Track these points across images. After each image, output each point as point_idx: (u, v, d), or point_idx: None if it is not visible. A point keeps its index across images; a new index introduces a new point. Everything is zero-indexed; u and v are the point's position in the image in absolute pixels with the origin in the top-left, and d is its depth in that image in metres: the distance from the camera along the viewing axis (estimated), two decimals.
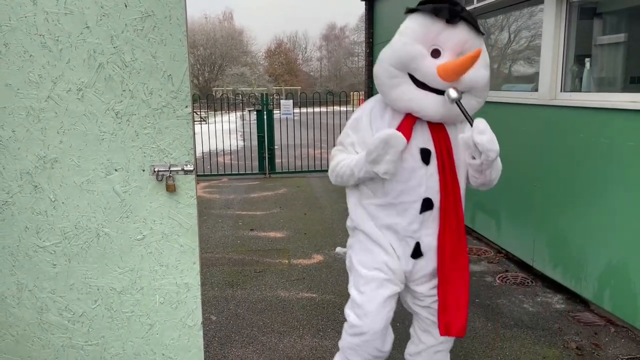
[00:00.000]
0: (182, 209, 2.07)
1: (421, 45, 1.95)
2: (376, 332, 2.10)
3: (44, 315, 2.11)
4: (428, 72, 1.94)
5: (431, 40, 1.96)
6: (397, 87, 2.01)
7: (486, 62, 2.03)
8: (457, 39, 1.95)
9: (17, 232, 2.03)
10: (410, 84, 1.99)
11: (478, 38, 2.02)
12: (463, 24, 1.96)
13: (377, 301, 2.10)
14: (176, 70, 1.96)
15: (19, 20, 1.87)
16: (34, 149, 1.97)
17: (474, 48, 1.97)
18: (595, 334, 3.11)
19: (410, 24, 2.00)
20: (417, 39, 1.96)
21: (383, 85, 2.06)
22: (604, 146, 3.23)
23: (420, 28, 1.97)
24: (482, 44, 2.04)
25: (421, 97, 1.97)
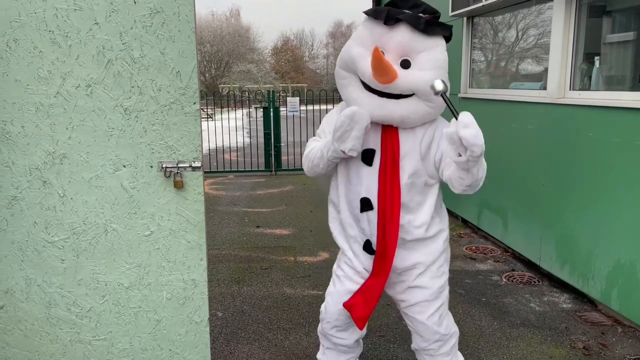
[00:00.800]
0: (189, 205, 2.07)
1: (363, 47, 2.00)
2: (330, 322, 2.31)
3: (52, 310, 2.13)
4: (365, 73, 1.96)
5: (375, 42, 1.99)
6: (346, 88, 2.08)
7: (435, 64, 1.99)
8: (397, 41, 1.96)
9: (26, 227, 2.04)
10: (357, 85, 2.03)
11: (426, 39, 1.98)
12: (403, 25, 1.96)
13: (335, 295, 2.27)
14: (184, 67, 1.96)
15: (29, 16, 1.88)
16: (43, 144, 1.98)
17: (420, 49, 1.97)
18: (602, 333, 3.10)
19: (360, 27, 2.08)
20: (361, 42, 2.02)
21: (338, 86, 2.15)
22: (613, 145, 3.20)
23: (364, 31, 2.03)
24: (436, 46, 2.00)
25: (362, 98, 2.00)
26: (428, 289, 2.19)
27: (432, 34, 1.98)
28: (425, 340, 2.25)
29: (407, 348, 2.93)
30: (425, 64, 1.97)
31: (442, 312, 2.23)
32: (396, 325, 3.14)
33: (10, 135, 1.97)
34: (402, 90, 1.95)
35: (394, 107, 1.97)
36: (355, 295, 2.19)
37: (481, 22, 5.24)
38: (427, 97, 1.97)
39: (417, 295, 2.20)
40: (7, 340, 2.15)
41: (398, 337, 3.05)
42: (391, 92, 1.95)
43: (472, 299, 3.59)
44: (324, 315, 2.33)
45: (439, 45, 2.01)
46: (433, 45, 1.99)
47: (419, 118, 2.02)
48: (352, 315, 2.17)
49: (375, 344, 2.99)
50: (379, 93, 1.97)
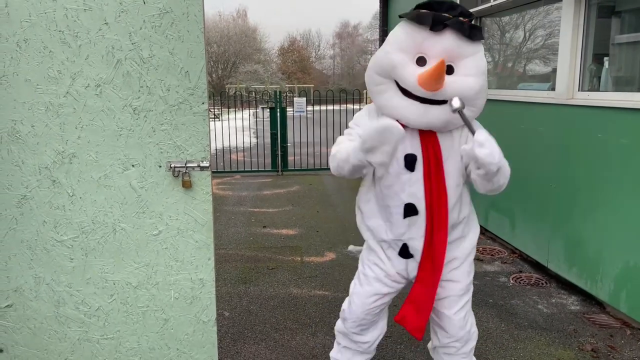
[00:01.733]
0: (197, 205, 2.08)
1: (405, 53, 1.95)
2: (354, 321, 2.29)
3: (61, 309, 2.14)
4: (409, 80, 1.92)
5: (416, 47, 1.95)
6: (382, 94, 2.02)
7: (479, 70, 1.97)
8: (442, 47, 1.92)
9: (35, 226, 2.06)
10: (395, 91, 1.98)
11: (471, 45, 1.96)
12: (449, 31, 1.92)
13: (363, 296, 2.26)
14: (193, 67, 1.97)
15: (39, 16, 1.89)
16: (53, 144, 1.99)
17: (465, 55, 1.95)
18: (610, 336, 3.08)
19: (396, 31, 2.01)
20: (401, 47, 1.96)
21: (370, 92, 2.09)
22: (622, 146, 3.18)
23: (404, 36, 1.97)
24: (478, 51, 1.99)
25: (404, 106, 1.96)
26: (460, 283, 2.21)
27: (475, 39, 1.96)
28: (450, 337, 2.25)
29: (414, 349, 2.92)
30: (470, 70, 1.95)
31: (467, 310, 2.25)
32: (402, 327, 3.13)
33: (20, 135, 1.98)
34: (448, 96, 1.91)
35: (439, 113, 1.94)
36: (404, 306, 2.17)
37: (489, 22, 5.23)
38: (470, 102, 1.96)
39: (449, 288, 2.21)
40: (15, 339, 2.16)
41: (405, 338, 3.05)
42: (436, 98, 1.92)
43: (479, 300, 3.58)
44: (347, 314, 2.31)
45: (480, 50, 2.00)
46: (476, 51, 1.98)
47: (459, 122, 2.00)
48: (406, 327, 2.15)
49: (382, 345, 2.98)
50: (421, 99, 1.93)
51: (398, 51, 1.96)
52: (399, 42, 1.97)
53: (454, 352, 2.28)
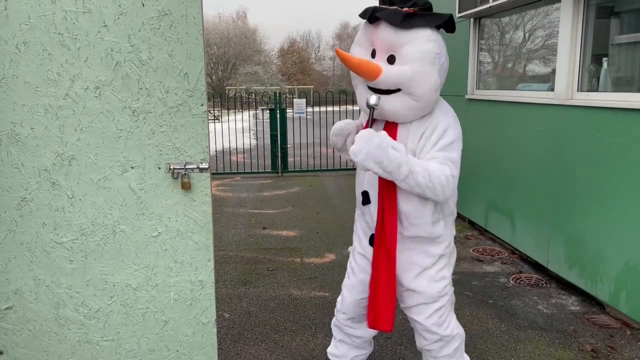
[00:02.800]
0: (197, 207, 2.08)
1: (362, 47, 2.11)
2: (345, 313, 2.39)
3: (61, 311, 2.14)
4: None
5: (368, 41, 2.08)
6: (356, 87, 2.18)
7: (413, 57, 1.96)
8: (381, 38, 2.02)
9: (35, 228, 2.06)
10: (363, 85, 2.11)
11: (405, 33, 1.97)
12: (382, 22, 2.00)
13: (351, 287, 2.36)
14: (192, 69, 1.97)
15: (38, 19, 1.90)
16: (52, 146, 1.99)
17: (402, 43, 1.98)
18: (610, 336, 3.08)
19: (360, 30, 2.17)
20: (358, 42, 2.13)
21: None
22: (622, 147, 3.19)
23: (360, 32, 2.14)
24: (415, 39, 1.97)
25: (363, 96, 2.10)
26: (424, 293, 2.18)
27: (409, 27, 1.97)
28: (426, 340, 2.26)
29: (413, 350, 2.92)
30: (406, 57, 1.99)
31: (442, 314, 2.21)
32: (402, 327, 3.13)
33: (20, 137, 1.98)
34: (386, 85, 2.01)
35: (385, 102, 2.04)
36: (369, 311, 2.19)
37: (488, 23, 5.23)
38: (410, 90, 1.99)
39: (414, 298, 2.21)
40: (15, 341, 2.16)
41: (404, 339, 3.05)
42: (380, 87, 2.02)
43: (479, 301, 3.58)
44: (339, 306, 2.41)
45: (420, 37, 1.98)
46: (413, 39, 1.98)
47: (409, 112, 2.04)
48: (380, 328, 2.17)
49: (382, 345, 2.98)
50: (374, 90, 2.05)
51: (356, 45, 2.14)
52: (357, 38, 2.15)
53: (436, 354, 2.27)
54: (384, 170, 1.92)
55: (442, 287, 2.19)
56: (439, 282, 2.19)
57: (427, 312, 2.20)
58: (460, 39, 5.44)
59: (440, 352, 2.25)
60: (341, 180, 8.32)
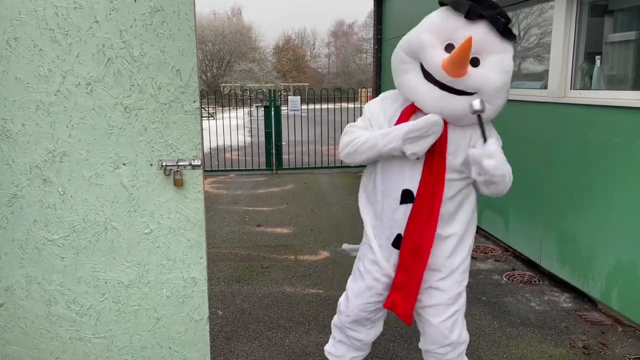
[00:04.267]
0: (189, 204, 2.08)
1: (435, 36, 1.95)
2: (349, 315, 2.29)
3: (52, 308, 2.13)
4: (433, 63, 1.92)
5: (447, 34, 1.95)
6: (405, 73, 2.03)
7: (504, 69, 1.96)
8: (476, 38, 1.89)
9: (26, 225, 2.05)
10: (418, 72, 1.99)
11: (501, 43, 1.95)
12: (483, 22, 1.92)
13: (357, 291, 2.27)
14: (184, 65, 1.96)
15: (29, 14, 1.88)
16: (44, 142, 1.98)
17: (493, 51, 1.93)
18: (602, 333, 3.10)
19: (432, 15, 2.02)
20: (433, 30, 1.96)
21: (394, 69, 2.09)
22: (614, 144, 3.20)
23: (439, 20, 1.97)
24: (507, 50, 1.97)
25: (423, 88, 1.97)
26: (447, 292, 2.16)
27: (507, 37, 1.96)
28: (434, 344, 2.21)
29: (406, 347, 2.93)
30: (494, 66, 1.94)
31: (456, 319, 2.19)
32: (396, 324, 3.13)
33: (11, 133, 1.97)
34: (467, 87, 1.92)
35: (455, 103, 1.94)
36: (391, 293, 2.16)
37: None
38: (489, 99, 1.95)
39: (435, 297, 2.17)
40: (7, 338, 2.16)
41: (398, 336, 3.06)
42: (455, 87, 1.91)
43: (472, 298, 3.59)
44: (343, 307, 2.32)
45: (510, 50, 1.99)
46: (505, 50, 1.97)
47: (473, 119, 1.99)
48: (396, 312, 2.15)
49: (375, 342, 2.98)
50: (441, 85, 1.93)
51: (429, 33, 1.96)
52: (432, 25, 1.98)
53: (440, 357, 2.24)
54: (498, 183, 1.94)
55: (462, 289, 2.20)
56: (461, 284, 2.19)
57: (443, 315, 2.17)
58: None
59: (445, 356, 2.23)
60: (335, 177, 8.33)
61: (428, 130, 1.92)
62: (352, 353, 2.41)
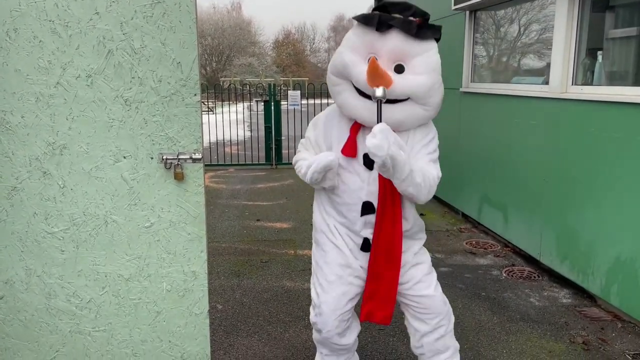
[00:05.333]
0: (190, 197, 2.07)
1: (356, 53, 2.01)
2: (330, 330, 2.21)
3: (52, 301, 2.13)
4: (360, 80, 1.98)
5: (366, 48, 2.01)
6: (340, 95, 2.08)
7: (429, 68, 2.00)
8: (390, 47, 1.97)
9: (26, 217, 2.04)
10: (352, 91, 2.03)
11: (420, 44, 1.99)
12: (395, 31, 1.98)
13: (330, 302, 2.19)
14: (185, 58, 1.95)
15: (29, 6, 1.87)
16: (43, 135, 1.97)
17: (414, 54, 1.98)
18: (602, 329, 3.10)
19: (349, 33, 2.10)
20: (353, 48, 2.03)
21: (331, 92, 2.14)
22: (615, 140, 3.19)
23: (355, 37, 2.04)
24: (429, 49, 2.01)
25: (359, 105, 2.01)
26: (425, 263, 2.28)
27: (424, 37, 2.00)
28: (437, 315, 2.25)
29: (406, 342, 2.93)
30: (419, 68, 1.99)
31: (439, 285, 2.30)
32: (395, 319, 3.13)
33: (10, 126, 1.96)
34: (397, 95, 1.97)
35: (392, 112, 1.99)
36: (364, 305, 2.20)
37: (484, 16, 5.22)
38: (423, 101, 2.00)
39: (419, 270, 2.24)
40: (6, 331, 2.15)
41: (397, 330, 3.06)
42: (388, 97, 1.94)
43: (472, 293, 3.59)
44: (320, 325, 2.23)
45: (431, 48, 2.03)
46: (426, 49, 2.01)
47: (415, 121, 2.06)
48: (374, 321, 2.19)
49: (375, 337, 2.99)
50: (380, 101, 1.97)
51: (350, 51, 2.03)
52: (351, 44, 2.04)
53: (443, 331, 2.27)
54: (393, 168, 1.87)
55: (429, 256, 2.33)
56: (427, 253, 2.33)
57: (432, 283, 2.26)
58: (456, 31, 5.43)
59: (448, 328, 2.29)
60: None
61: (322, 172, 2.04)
62: (344, 356, 2.40)
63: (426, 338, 2.29)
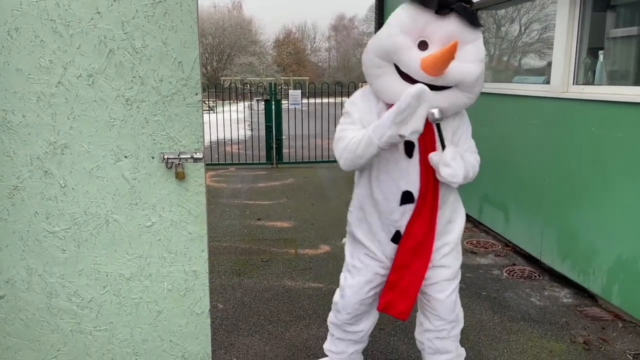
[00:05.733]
0: (191, 197, 2.07)
1: (408, 36, 1.92)
2: (350, 312, 2.29)
3: (53, 300, 2.13)
4: (411, 65, 1.90)
5: (419, 31, 1.92)
6: (380, 77, 2.00)
7: (479, 57, 1.97)
8: (446, 31, 1.90)
9: (27, 217, 2.04)
10: (394, 74, 1.96)
11: (473, 32, 1.95)
12: (454, 15, 1.91)
13: (356, 287, 2.26)
14: (186, 57, 1.95)
15: (30, 5, 1.87)
16: (45, 134, 1.97)
17: (467, 41, 1.93)
18: (602, 328, 3.10)
19: (399, 13, 1.97)
20: (404, 29, 1.92)
21: (368, 75, 2.05)
22: (616, 140, 3.19)
23: (407, 18, 1.93)
24: (479, 38, 1.98)
25: (402, 90, 1.90)
26: (450, 268, 2.23)
27: (477, 25, 1.95)
28: (442, 319, 2.25)
29: (407, 341, 2.93)
30: (470, 56, 1.94)
31: (456, 293, 2.28)
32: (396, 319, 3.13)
33: (12, 125, 1.96)
34: (447, 82, 1.92)
35: (437, 99, 1.92)
36: (384, 294, 2.20)
37: (484, 15, 5.21)
38: (469, 89, 1.98)
39: (441, 273, 2.22)
40: (7, 330, 2.15)
41: (398, 330, 3.06)
42: (436, 84, 1.91)
43: (472, 293, 3.59)
44: (340, 306, 2.31)
45: (480, 37, 2.00)
46: (477, 38, 1.97)
47: (455, 109, 2.04)
48: (391, 313, 2.19)
49: (376, 337, 2.99)
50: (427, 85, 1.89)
51: (401, 34, 1.92)
52: (402, 25, 1.93)
53: (445, 334, 2.28)
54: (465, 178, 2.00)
55: (460, 264, 2.28)
56: (459, 259, 2.29)
57: (448, 290, 2.23)
58: None
59: (451, 333, 2.29)
60: (336, 171, 8.31)
61: (414, 103, 1.84)
62: (353, 347, 2.42)
63: (428, 334, 2.32)
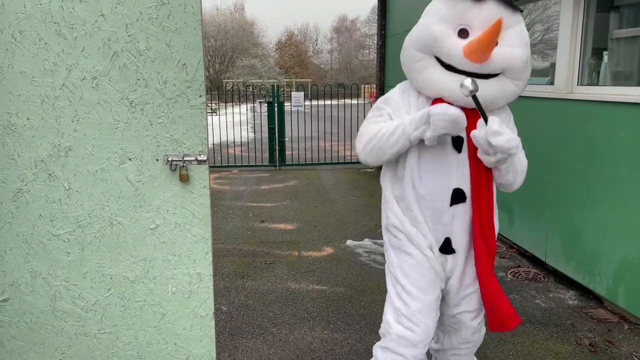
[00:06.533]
0: (195, 199, 2.06)
1: (446, 25, 1.83)
2: (428, 337, 1.99)
3: (58, 303, 2.12)
4: (453, 53, 1.80)
5: (458, 19, 1.83)
6: (423, 71, 1.89)
7: (523, 41, 1.87)
8: (486, 17, 1.80)
9: (31, 220, 2.04)
10: (436, 66, 1.85)
11: (514, 15, 1.86)
12: (492, 2, 1.83)
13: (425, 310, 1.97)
14: (190, 60, 1.95)
15: (34, 8, 1.87)
16: (49, 137, 1.97)
17: (508, 26, 1.82)
18: (608, 330, 3.08)
19: (434, 3, 1.90)
20: (442, 18, 1.84)
21: (409, 71, 1.94)
22: (620, 141, 3.18)
23: (444, 7, 1.85)
24: (520, 22, 1.89)
25: (448, 81, 1.82)
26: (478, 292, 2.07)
27: (516, 8, 1.87)
28: (465, 341, 2.16)
29: None
30: (514, 40, 1.85)
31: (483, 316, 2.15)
32: None
33: (16, 128, 1.96)
34: (493, 69, 1.82)
35: (486, 88, 1.82)
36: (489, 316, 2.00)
37: None
38: (517, 75, 1.86)
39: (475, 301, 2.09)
40: (12, 333, 2.15)
41: None
42: (481, 72, 1.81)
43: None
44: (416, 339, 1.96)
45: (521, 20, 1.90)
46: (518, 21, 1.88)
47: (505, 98, 1.90)
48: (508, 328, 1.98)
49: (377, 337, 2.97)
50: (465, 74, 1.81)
51: (438, 23, 1.84)
52: (439, 14, 1.85)
53: (464, 353, 2.22)
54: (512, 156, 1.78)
55: None
56: None
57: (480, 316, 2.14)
58: None
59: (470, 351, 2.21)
60: (339, 173, 8.31)
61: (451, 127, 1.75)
62: None
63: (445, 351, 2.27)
